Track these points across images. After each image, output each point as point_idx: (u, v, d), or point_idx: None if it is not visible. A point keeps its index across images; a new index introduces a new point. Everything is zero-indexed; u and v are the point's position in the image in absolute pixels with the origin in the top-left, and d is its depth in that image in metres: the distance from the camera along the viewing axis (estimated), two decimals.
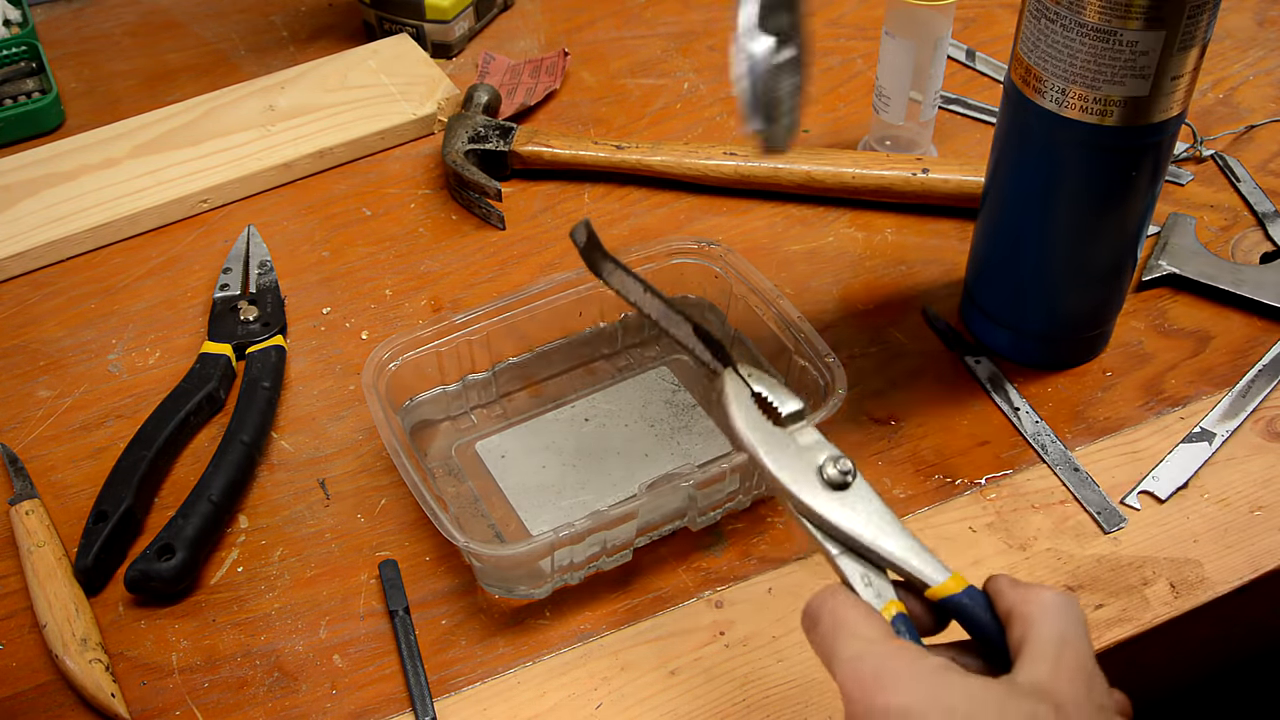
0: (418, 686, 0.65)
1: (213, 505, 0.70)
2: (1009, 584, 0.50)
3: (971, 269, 0.82)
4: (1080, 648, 0.47)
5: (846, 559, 0.52)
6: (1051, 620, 0.47)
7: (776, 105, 0.57)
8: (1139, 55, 0.65)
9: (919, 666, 0.46)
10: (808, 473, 0.54)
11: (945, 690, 0.45)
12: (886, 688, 0.45)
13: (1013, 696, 0.45)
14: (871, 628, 0.48)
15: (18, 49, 1.04)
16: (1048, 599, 0.48)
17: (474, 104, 0.98)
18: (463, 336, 0.75)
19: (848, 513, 0.52)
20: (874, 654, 0.46)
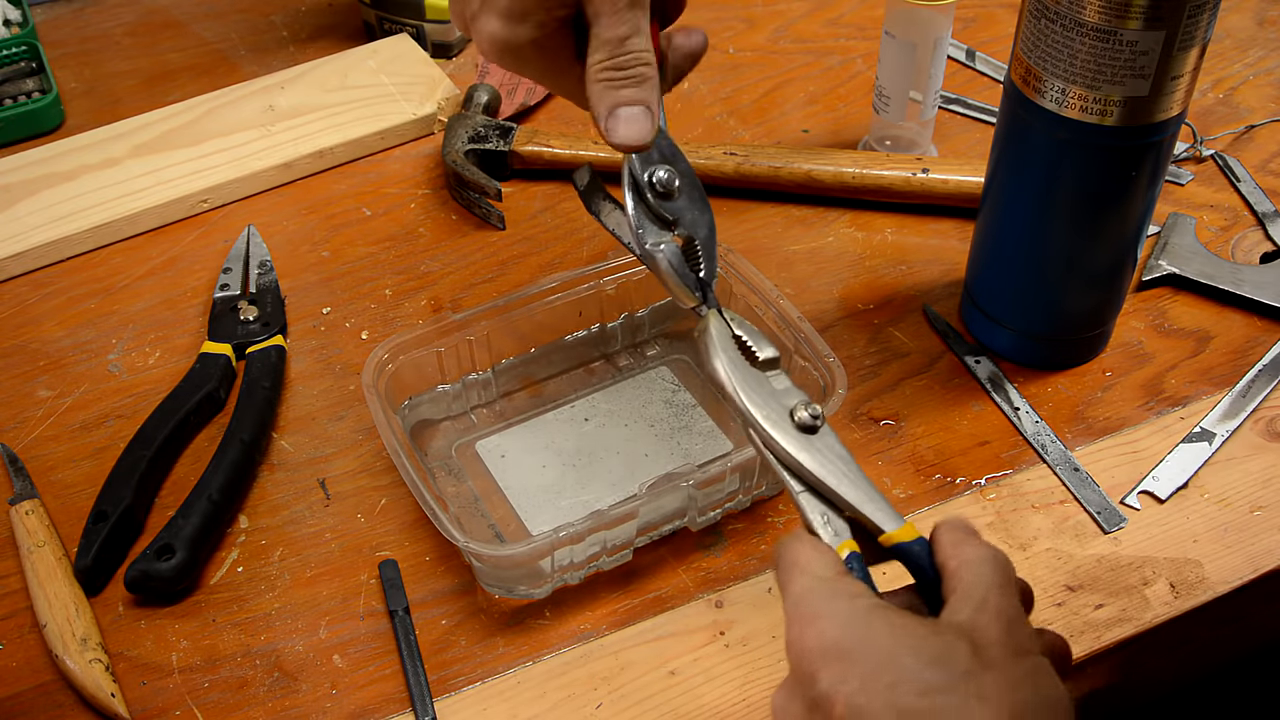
0: (418, 686, 0.65)
1: (213, 505, 0.70)
2: (948, 539, 0.52)
3: (971, 269, 0.82)
4: (1003, 596, 0.49)
5: (807, 497, 0.54)
6: (977, 572, 0.49)
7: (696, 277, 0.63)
8: (1139, 55, 0.65)
9: (853, 605, 0.47)
10: (780, 413, 0.56)
11: (871, 626, 0.46)
12: (819, 623, 0.47)
13: (933, 633, 0.46)
14: (823, 565, 0.50)
15: (18, 49, 1.04)
16: (975, 554, 0.50)
17: (474, 104, 0.98)
18: (463, 336, 0.75)
19: (813, 455, 0.54)
20: (815, 592, 0.48)
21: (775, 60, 1.07)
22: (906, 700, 0.44)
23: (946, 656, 0.45)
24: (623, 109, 0.58)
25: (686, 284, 0.62)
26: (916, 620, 0.47)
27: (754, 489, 0.72)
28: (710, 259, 0.64)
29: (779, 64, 1.06)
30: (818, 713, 0.46)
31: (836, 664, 0.46)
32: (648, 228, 0.63)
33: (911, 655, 0.45)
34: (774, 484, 0.73)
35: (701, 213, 0.64)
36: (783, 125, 1.00)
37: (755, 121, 1.01)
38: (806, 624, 0.47)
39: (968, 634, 0.46)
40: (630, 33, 0.57)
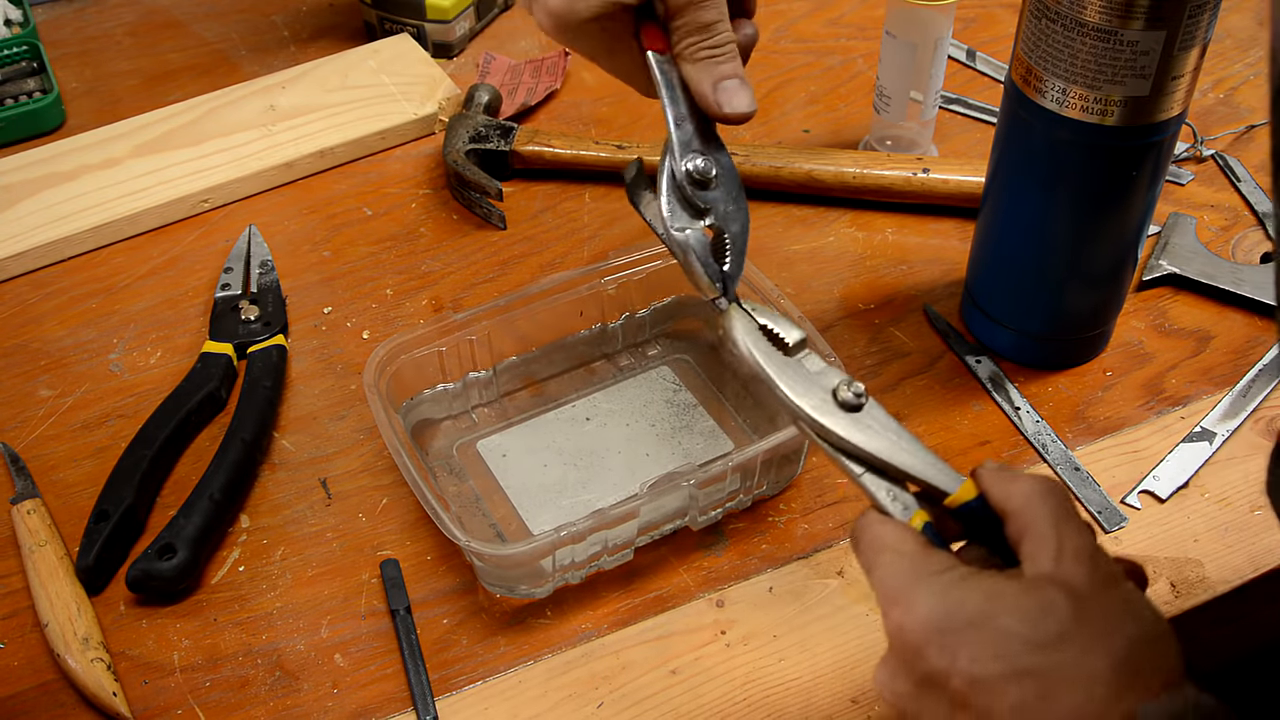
0: (419, 685, 0.65)
1: (214, 504, 0.70)
2: (993, 480, 0.52)
3: (972, 269, 0.82)
4: (1074, 529, 0.49)
5: (870, 477, 0.54)
6: (1039, 510, 0.50)
7: (721, 270, 0.62)
8: (1140, 55, 0.65)
9: (944, 579, 0.48)
10: (823, 396, 0.55)
11: (966, 597, 0.47)
12: (915, 603, 0.48)
13: (1026, 591, 0.47)
14: (904, 542, 0.51)
15: (19, 49, 1.04)
16: (1029, 490, 0.51)
17: (475, 104, 0.98)
18: (464, 336, 0.75)
19: (865, 432, 0.54)
20: (904, 571, 0.49)
21: (776, 60, 1.07)
22: (1021, 661, 0.45)
23: (1046, 611, 0.46)
24: (727, 81, 0.62)
25: (709, 273, 0.62)
26: (1005, 580, 0.48)
27: (755, 488, 0.72)
28: (738, 254, 0.63)
29: (780, 64, 1.07)
30: (932, 688, 0.47)
31: (941, 640, 0.47)
32: (678, 213, 0.62)
33: (1012, 617, 0.46)
34: (775, 483, 0.73)
35: (737, 209, 0.64)
36: (783, 125, 1.00)
37: (756, 121, 1.01)
38: (902, 605, 0.48)
39: (1058, 582, 0.47)
40: (718, 18, 0.61)
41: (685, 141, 0.63)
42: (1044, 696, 0.45)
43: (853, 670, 0.65)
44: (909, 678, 0.48)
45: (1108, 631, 0.46)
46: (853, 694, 0.64)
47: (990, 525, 0.52)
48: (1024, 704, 0.45)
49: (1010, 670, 0.45)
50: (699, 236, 0.62)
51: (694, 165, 0.63)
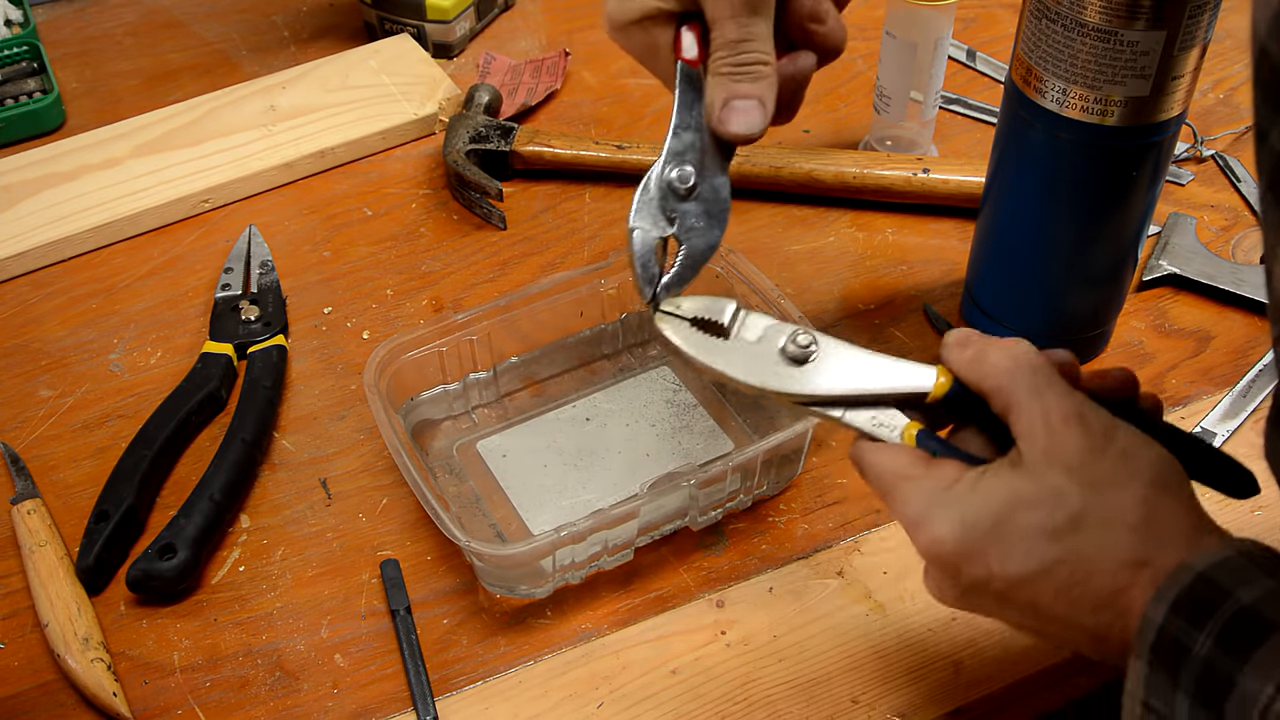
0: (419, 686, 0.65)
1: (214, 505, 0.70)
2: (962, 363, 0.54)
3: (972, 269, 0.82)
4: (1055, 394, 0.51)
5: (850, 414, 0.55)
6: (1016, 384, 0.52)
7: (658, 277, 0.62)
8: (1140, 55, 0.65)
9: (953, 493, 0.51)
10: (774, 360, 0.56)
11: (978, 506, 0.50)
12: (933, 527, 0.51)
13: (1032, 482, 0.50)
14: (901, 463, 0.53)
15: (19, 49, 1.04)
16: (1000, 366, 0.52)
17: (475, 104, 0.98)
18: (464, 336, 0.75)
19: (826, 376, 0.55)
20: (914, 496, 0.52)
21: None
22: (1048, 554, 0.49)
23: (1056, 500, 0.49)
24: (736, 101, 0.61)
25: (644, 277, 0.61)
26: (1011, 475, 0.50)
27: (755, 489, 0.72)
28: (686, 268, 0.62)
29: None
30: (977, 592, 0.51)
31: (970, 554, 0.50)
32: (643, 214, 0.62)
33: (1028, 512, 0.49)
34: (775, 483, 0.73)
35: (707, 228, 0.63)
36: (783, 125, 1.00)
37: None
38: (924, 529, 0.51)
39: (1058, 462, 0.50)
40: (748, 37, 0.60)
41: (678, 151, 0.62)
42: (1078, 579, 0.49)
43: (853, 670, 0.65)
44: (955, 587, 0.52)
45: (1117, 498, 0.49)
46: (853, 694, 0.64)
47: (976, 402, 0.54)
48: (1061, 588, 0.49)
49: (1040, 565, 0.49)
50: (647, 239, 0.62)
51: (676, 173, 0.62)
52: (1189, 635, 0.46)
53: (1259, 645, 0.44)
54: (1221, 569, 0.47)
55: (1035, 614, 0.51)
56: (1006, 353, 0.53)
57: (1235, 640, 0.45)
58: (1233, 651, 0.45)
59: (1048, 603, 0.50)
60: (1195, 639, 0.46)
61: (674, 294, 0.62)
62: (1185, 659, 0.46)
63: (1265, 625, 0.45)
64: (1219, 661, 0.45)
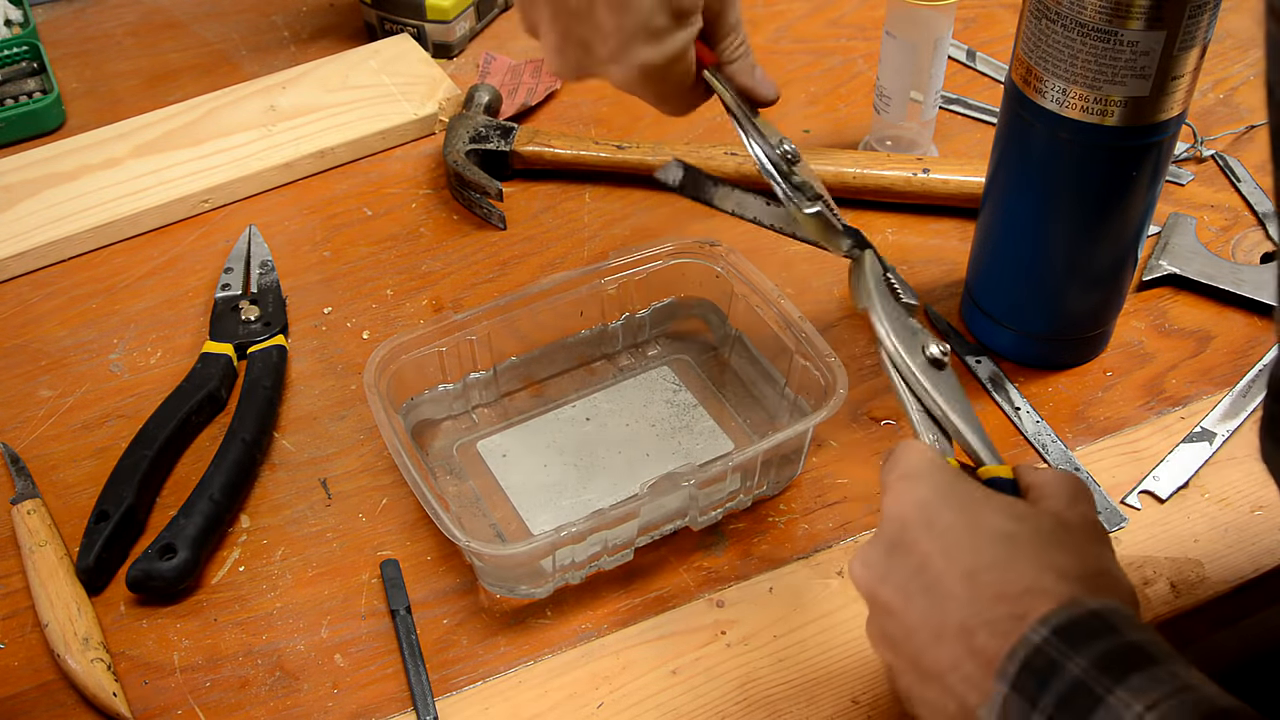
0: (419, 686, 0.65)
1: (214, 505, 0.70)
2: (1028, 469, 0.57)
3: (972, 269, 0.82)
4: (1088, 506, 0.54)
5: (923, 416, 0.60)
6: (1059, 488, 0.54)
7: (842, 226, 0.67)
8: (1140, 55, 0.65)
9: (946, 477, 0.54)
10: (913, 346, 0.61)
11: (963, 490, 0.53)
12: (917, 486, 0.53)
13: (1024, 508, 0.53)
14: (942, 467, 0.55)
15: (19, 49, 1.04)
16: (1058, 474, 0.55)
17: (475, 104, 0.98)
18: (464, 336, 0.75)
19: (937, 386, 0.60)
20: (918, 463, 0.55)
21: (776, 60, 1.07)
22: (997, 549, 0.50)
23: (1031, 522, 0.51)
24: (756, 70, 0.68)
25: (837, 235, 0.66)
26: (1005, 499, 0.53)
27: (755, 488, 0.72)
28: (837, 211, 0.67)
29: (780, 64, 1.07)
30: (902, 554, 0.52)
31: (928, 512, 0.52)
32: (792, 193, 0.66)
33: (995, 516, 0.51)
34: (775, 483, 0.73)
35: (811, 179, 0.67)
36: (783, 125, 0.99)
37: None
38: (905, 476, 0.54)
39: (1044, 514, 0.53)
40: (739, 18, 0.67)
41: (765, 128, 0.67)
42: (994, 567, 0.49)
43: (853, 670, 0.65)
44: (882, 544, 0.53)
45: (1074, 549, 0.50)
46: (853, 694, 0.64)
47: None
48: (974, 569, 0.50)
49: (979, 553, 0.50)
50: (817, 208, 0.66)
51: (785, 149, 0.67)
52: (1064, 655, 0.45)
53: (1138, 670, 0.44)
54: (1116, 613, 0.46)
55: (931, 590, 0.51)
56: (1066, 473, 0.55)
57: (1114, 664, 0.44)
58: (1109, 672, 0.44)
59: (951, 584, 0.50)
60: (1070, 658, 0.45)
61: None
62: (1052, 677, 0.45)
63: (1148, 659, 0.44)
64: (1090, 681, 0.44)
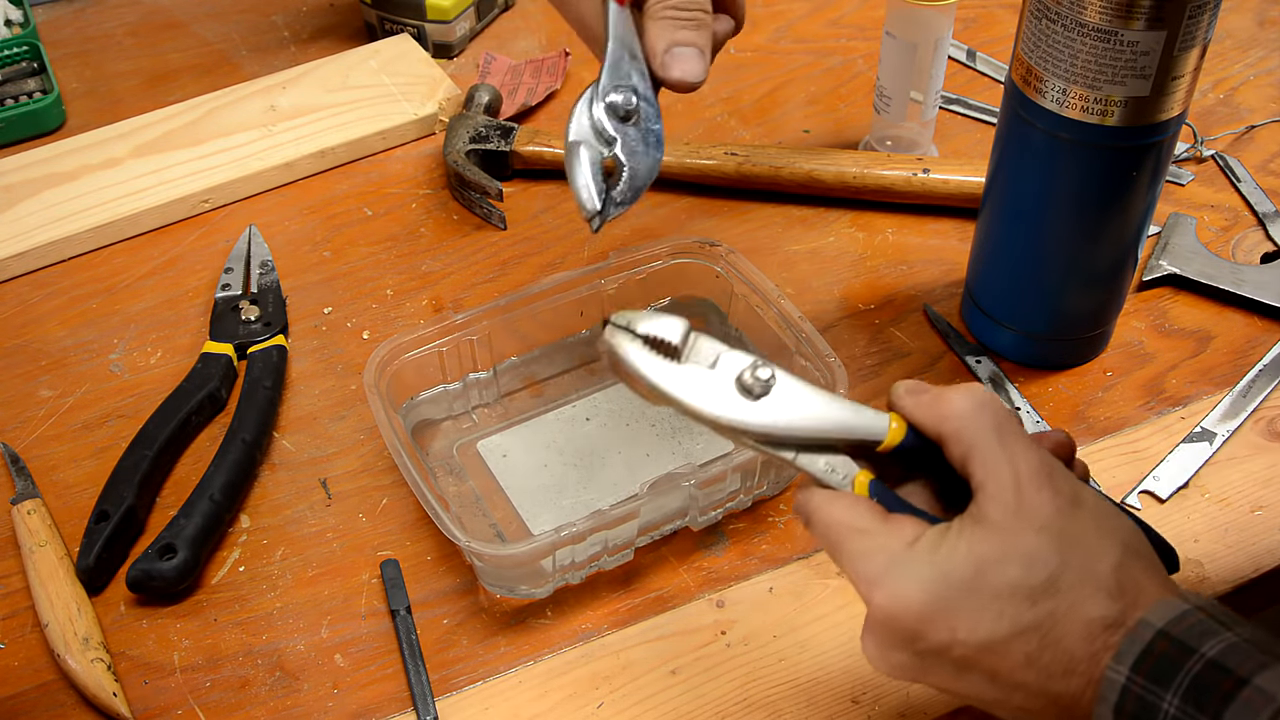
0: (419, 686, 0.65)
1: (214, 505, 0.70)
2: (917, 408, 0.51)
3: (972, 269, 0.82)
4: (1021, 447, 0.49)
5: (804, 457, 0.52)
6: (978, 432, 0.49)
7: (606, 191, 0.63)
8: (1140, 55, 0.65)
9: (916, 555, 0.48)
10: (730, 392, 0.53)
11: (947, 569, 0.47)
12: (896, 588, 0.47)
13: (1004, 543, 0.47)
14: (858, 515, 0.50)
15: (19, 49, 1.04)
16: (961, 410, 0.50)
17: (475, 104, 0.98)
18: (464, 336, 0.75)
19: (783, 414, 0.52)
20: (871, 551, 0.49)
21: (776, 60, 1.07)
22: (1022, 619, 0.46)
23: (1030, 562, 0.46)
24: (679, 48, 0.61)
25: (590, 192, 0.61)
26: (978, 531, 0.47)
27: (755, 488, 0.72)
28: (630, 189, 0.63)
29: (780, 64, 1.07)
30: (933, 660, 0.47)
31: (936, 619, 0.47)
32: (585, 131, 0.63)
33: (1000, 573, 0.46)
34: (775, 483, 0.73)
35: (648, 152, 0.63)
36: (783, 125, 1.00)
37: (756, 121, 1.01)
38: (886, 589, 0.48)
39: (1030, 521, 0.47)
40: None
41: (616, 77, 0.63)
42: (1048, 644, 0.46)
43: (853, 670, 0.65)
44: (907, 652, 0.48)
45: (1092, 562, 0.47)
46: (853, 694, 0.64)
47: (929, 453, 0.51)
48: (1031, 655, 0.46)
49: (1012, 628, 0.46)
50: (593, 157, 0.62)
51: (620, 97, 0.63)
52: (1155, 694, 0.44)
53: (1230, 701, 0.43)
54: (1179, 624, 0.45)
55: (995, 682, 0.47)
56: (968, 395, 0.50)
57: (1205, 697, 0.43)
58: (1205, 709, 0.43)
59: (1012, 669, 0.46)
60: (1162, 698, 0.44)
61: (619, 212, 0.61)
62: (1154, 718, 0.44)
63: (1235, 681, 0.43)
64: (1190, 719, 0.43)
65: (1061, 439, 0.53)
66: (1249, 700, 0.42)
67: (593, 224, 0.61)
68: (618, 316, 0.55)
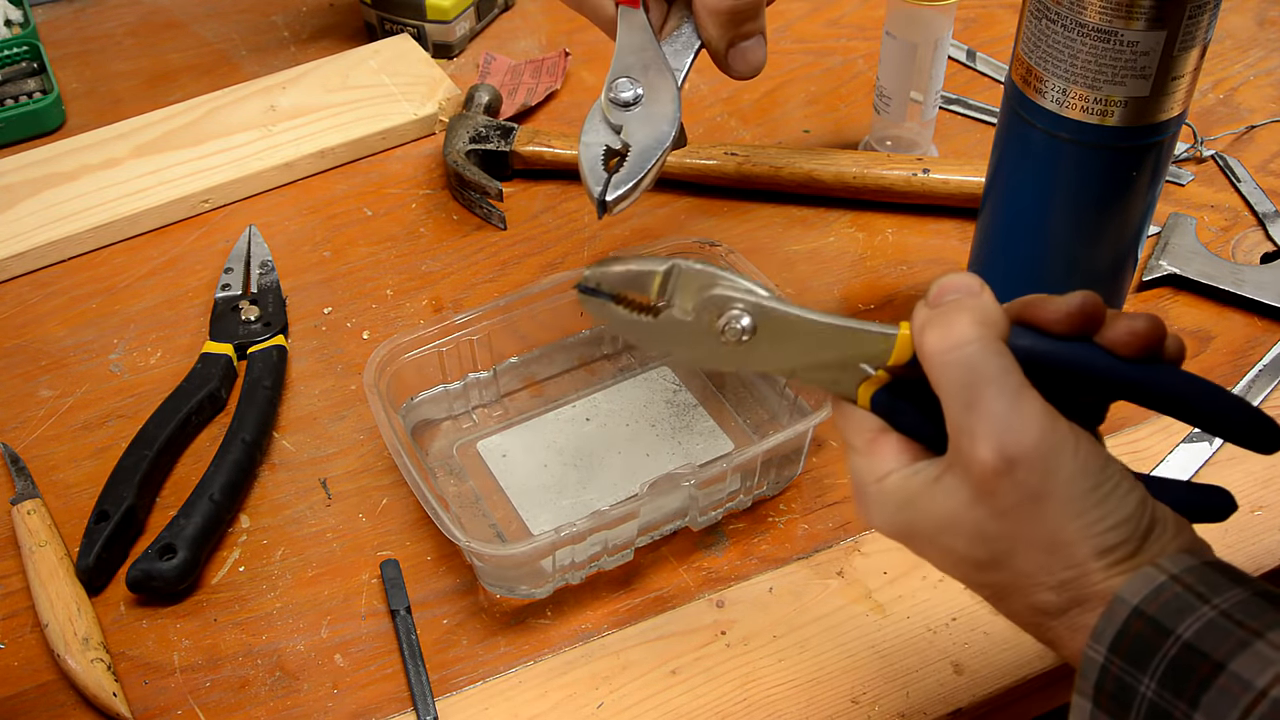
0: (419, 686, 0.65)
1: (214, 505, 0.70)
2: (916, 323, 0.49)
3: (972, 269, 0.82)
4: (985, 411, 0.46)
5: (804, 376, 0.52)
6: (947, 387, 0.47)
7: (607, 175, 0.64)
8: (1140, 55, 0.65)
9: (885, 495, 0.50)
10: (715, 342, 0.51)
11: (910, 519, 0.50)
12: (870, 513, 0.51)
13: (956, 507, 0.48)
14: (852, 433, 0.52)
15: (19, 49, 1.04)
16: (935, 346, 0.47)
17: (475, 104, 0.98)
18: (464, 336, 0.75)
19: (772, 353, 0.51)
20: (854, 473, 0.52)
21: (776, 60, 1.07)
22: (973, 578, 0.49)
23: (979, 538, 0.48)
24: (743, 43, 0.63)
25: (593, 179, 0.64)
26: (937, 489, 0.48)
27: (755, 489, 0.72)
28: (634, 166, 0.64)
29: (780, 64, 1.07)
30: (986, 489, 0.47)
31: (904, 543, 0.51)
32: (595, 129, 0.65)
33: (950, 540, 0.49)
34: (775, 483, 0.73)
35: (654, 127, 0.65)
36: (783, 125, 1.00)
37: (756, 121, 1.01)
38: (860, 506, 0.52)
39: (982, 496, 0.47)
40: None
41: (621, 71, 0.65)
42: (1000, 599, 0.49)
43: (853, 670, 0.65)
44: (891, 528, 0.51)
45: (1039, 561, 0.47)
46: (853, 694, 0.64)
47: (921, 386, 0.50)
48: (989, 598, 0.50)
49: (967, 581, 0.50)
50: (594, 148, 0.64)
51: (621, 91, 0.65)
52: (1132, 676, 0.44)
53: (1207, 688, 0.43)
54: (1155, 600, 0.44)
55: None
56: (949, 331, 0.47)
57: (1182, 683, 0.43)
58: (1181, 695, 0.43)
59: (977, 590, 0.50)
60: (1140, 680, 0.44)
61: (623, 195, 0.63)
62: (1132, 700, 0.44)
63: (1211, 665, 0.43)
64: (1168, 706, 0.43)
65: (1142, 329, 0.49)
66: (1225, 687, 0.42)
67: (599, 210, 0.64)
68: (589, 275, 0.53)
